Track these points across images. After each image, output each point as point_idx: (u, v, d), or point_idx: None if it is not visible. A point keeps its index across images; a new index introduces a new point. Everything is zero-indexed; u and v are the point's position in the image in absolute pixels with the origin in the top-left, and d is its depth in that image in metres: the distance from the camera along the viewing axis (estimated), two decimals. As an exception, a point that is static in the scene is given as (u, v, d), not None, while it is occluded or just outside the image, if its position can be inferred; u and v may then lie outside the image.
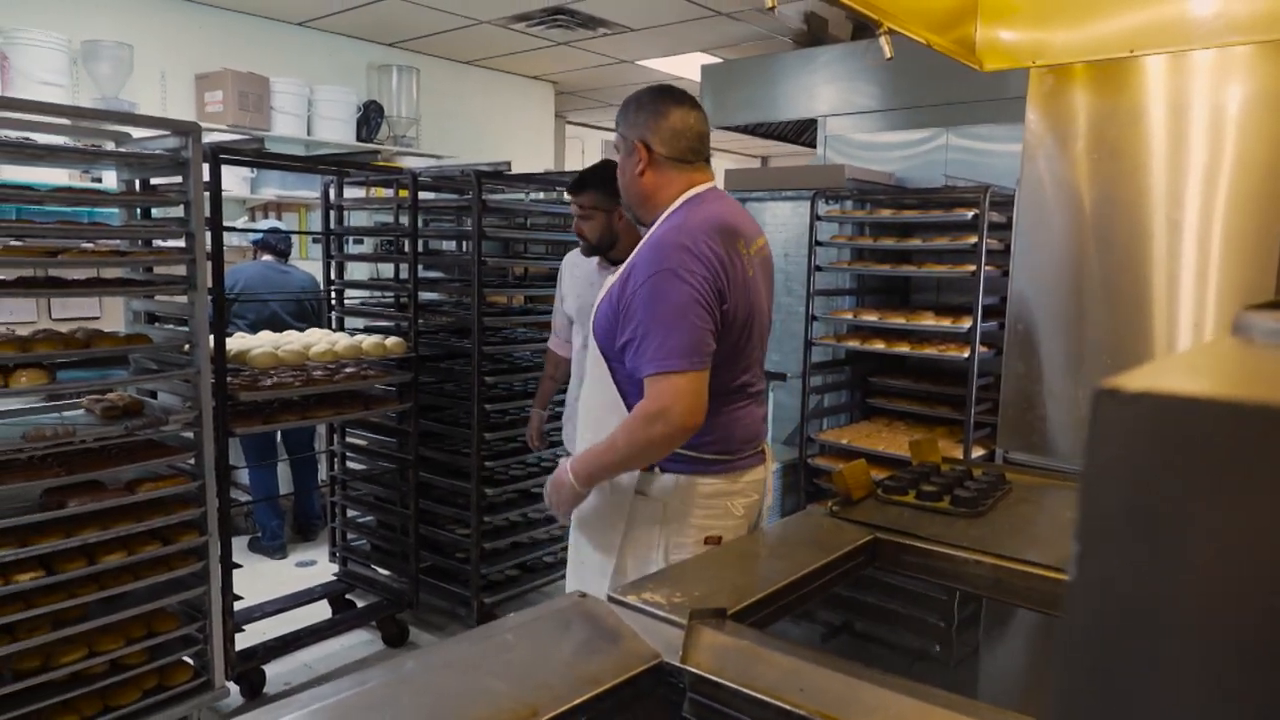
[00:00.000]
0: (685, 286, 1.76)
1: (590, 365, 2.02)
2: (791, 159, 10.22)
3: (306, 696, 1.13)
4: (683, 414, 1.77)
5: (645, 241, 1.88)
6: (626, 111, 1.93)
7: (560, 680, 1.19)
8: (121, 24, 4.98)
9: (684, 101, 1.94)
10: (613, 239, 2.75)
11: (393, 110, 6.24)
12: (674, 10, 5.37)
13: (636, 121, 1.90)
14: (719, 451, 1.93)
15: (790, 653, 1.24)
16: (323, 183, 3.72)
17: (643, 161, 1.89)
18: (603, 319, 1.92)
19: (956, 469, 2.27)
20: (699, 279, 1.78)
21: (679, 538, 1.91)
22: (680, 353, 1.76)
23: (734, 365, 1.92)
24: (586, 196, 2.74)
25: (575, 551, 2.06)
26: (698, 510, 1.91)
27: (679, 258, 1.77)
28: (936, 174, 4.38)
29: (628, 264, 1.88)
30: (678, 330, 1.76)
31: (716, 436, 1.91)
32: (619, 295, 1.86)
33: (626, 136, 1.92)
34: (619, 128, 1.95)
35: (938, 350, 3.67)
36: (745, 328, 1.91)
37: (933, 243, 3.72)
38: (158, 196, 2.67)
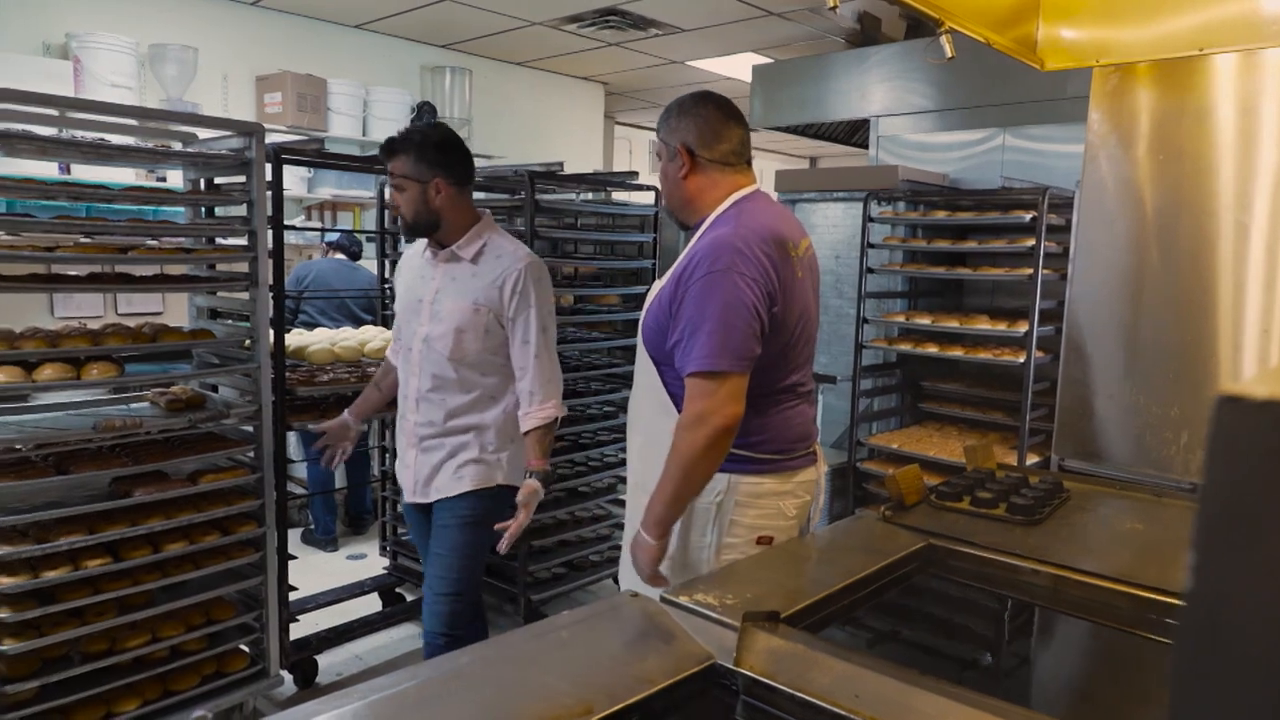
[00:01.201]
0: (737, 288, 1.78)
1: (638, 373, 2.04)
2: (841, 160, 10.13)
3: (366, 687, 1.16)
4: (723, 416, 1.78)
5: (697, 242, 1.90)
6: (668, 117, 1.96)
7: (614, 678, 1.20)
8: (187, 27, 5.13)
9: (724, 106, 1.97)
10: (431, 218, 2.36)
11: (445, 111, 6.31)
12: (726, 10, 5.36)
13: (678, 127, 1.93)
14: (772, 451, 1.93)
15: (845, 658, 1.24)
16: (378, 182, 3.78)
17: (686, 165, 1.92)
18: (652, 321, 1.94)
19: (1012, 476, 2.23)
20: (751, 281, 1.79)
21: (730, 538, 1.92)
22: (725, 353, 1.78)
23: (784, 365, 1.93)
24: (398, 163, 2.36)
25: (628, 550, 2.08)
26: (750, 510, 1.92)
27: (732, 259, 1.79)
28: (992, 175, 4.31)
29: (680, 266, 1.89)
30: (724, 330, 1.77)
31: (769, 436, 1.92)
32: (670, 296, 1.87)
33: (668, 142, 1.94)
34: (660, 133, 1.97)
35: (992, 355, 3.61)
36: (795, 329, 1.92)
37: (989, 245, 3.65)
38: (222, 195, 2.74)
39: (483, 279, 2.38)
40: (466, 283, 2.39)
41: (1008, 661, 1.82)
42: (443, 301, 2.40)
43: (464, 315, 2.36)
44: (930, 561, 1.84)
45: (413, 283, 2.50)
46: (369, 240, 5.63)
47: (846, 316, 4.38)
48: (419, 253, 2.52)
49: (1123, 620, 1.61)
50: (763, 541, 1.93)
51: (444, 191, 2.35)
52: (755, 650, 1.25)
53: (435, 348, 2.40)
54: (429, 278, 2.46)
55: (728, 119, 1.95)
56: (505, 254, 2.40)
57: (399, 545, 3.88)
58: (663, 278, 1.96)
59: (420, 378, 2.45)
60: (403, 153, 2.35)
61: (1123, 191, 2.52)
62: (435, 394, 2.43)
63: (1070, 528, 1.94)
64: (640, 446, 2.03)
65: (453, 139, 2.42)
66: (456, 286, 2.40)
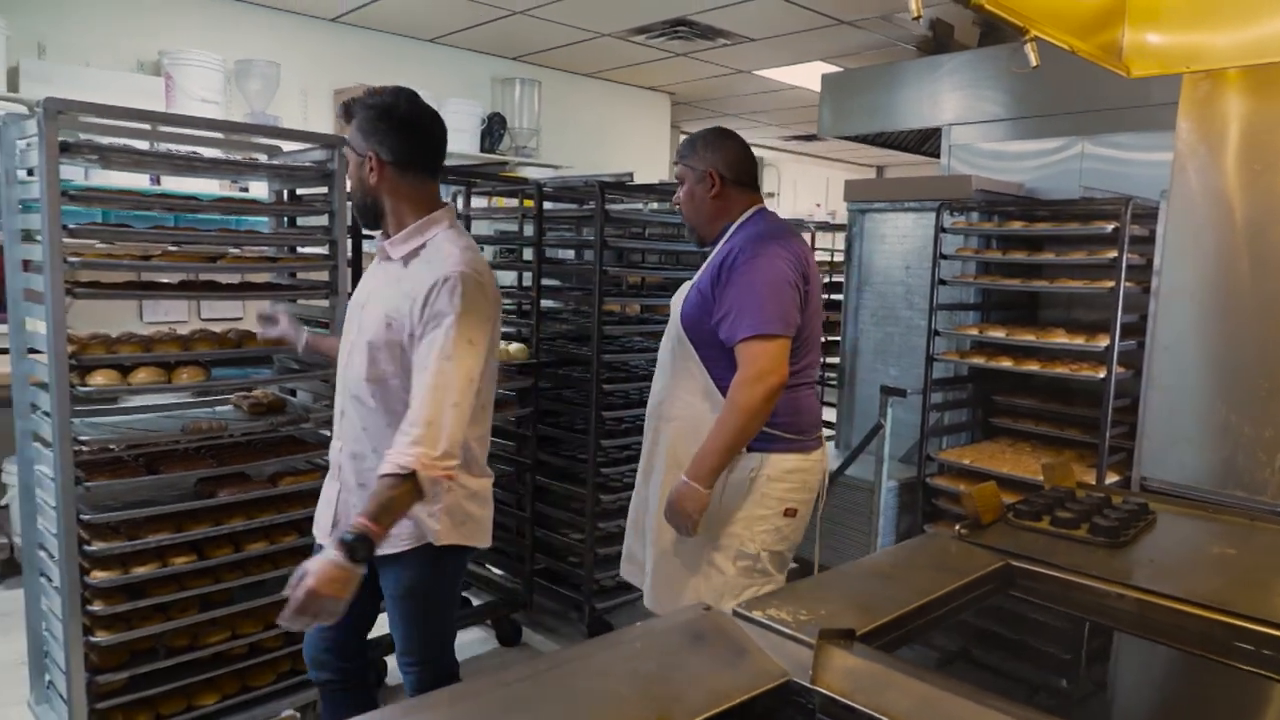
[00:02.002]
0: (779, 265, 2.10)
1: (672, 364, 2.27)
2: (908, 169, 9.98)
3: (448, 693, 1.18)
4: (777, 374, 2.06)
5: (729, 241, 2.20)
6: (694, 147, 2.27)
7: (688, 692, 1.20)
8: (270, 44, 5.31)
9: (738, 137, 2.30)
10: (368, 200, 2.00)
11: (515, 122, 6.41)
12: (795, 20, 5.33)
13: (705, 155, 2.24)
14: (796, 431, 2.20)
15: (925, 679, 1.21)
16: (450, 193, 3.85)
17: (716, 186, 2.22)
18: (691, 308, 2.21)
19: (1093, 495, 2.16)
20: (788, 262, 2.12)
21: (762, 509, 2.18)
22: (776, 319, 2.07)
23: (804, 349, 2.21)
24: (349, 128, 2.01)
25: (661, 528, 2.25)
26: (780, 484, 2.18)
27: (772, 247, 2.13)
28: (1069, 185, 4.19)
29: (717, 259, 2.18)
30: (773, 300, 2.07)
31: (791, 418, 2.19)
32: (711, 284, 2.16)
33: (696, 167, 2.25)
34: (686, 160, 2.27)
35: (1070, 369, 3.51)
36: (813, 316, 2.22)
37: (1068, 257, 3.56)
38: (304, 206, 2.83)
39: (403, 287, 1.92)
40: (390, 289, 1.96)
41: (1089, 688, 1.77)
42: (369, 309, 1.99)
43: (377, 330, 1.93)
44: (1008, 582, 1.80)
45: (365, 280, 2.12)
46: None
47: (917, 329, 4.31)
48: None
49: (1213, 649, 1.54)
50: (789, 513, 2.21)
51: (377, 171, 1.93)
52: (832, 669, 1.23)
53: (354, 363, 1.99)
54: (371, 276, 2.09)
55: (746, 149, 2.29)
56: (438, 260, 1.90)
57: (466, 550, 3.94)
58: (691, 280, 2.27)
59: (343, 395, 2.05)
60: (355, 115, 1.98)
61: (1212, 202, 2.43)
62: (356, 418, 2.01)
63: (1156, 551, 1.88)
64: (676, 429, 2.25)
65: (397, 108, 1.94)
66: (382, 293, 1.98)
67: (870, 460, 3.94)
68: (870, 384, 4.52)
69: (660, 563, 2.29)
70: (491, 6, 5.26)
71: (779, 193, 11.05)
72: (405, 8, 5.34)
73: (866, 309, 4.60)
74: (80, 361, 2.35)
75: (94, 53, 4.75)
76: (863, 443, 4.00)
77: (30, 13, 4.54)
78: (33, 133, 2.24)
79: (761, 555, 2.20)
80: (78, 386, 2.33)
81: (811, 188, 11.51)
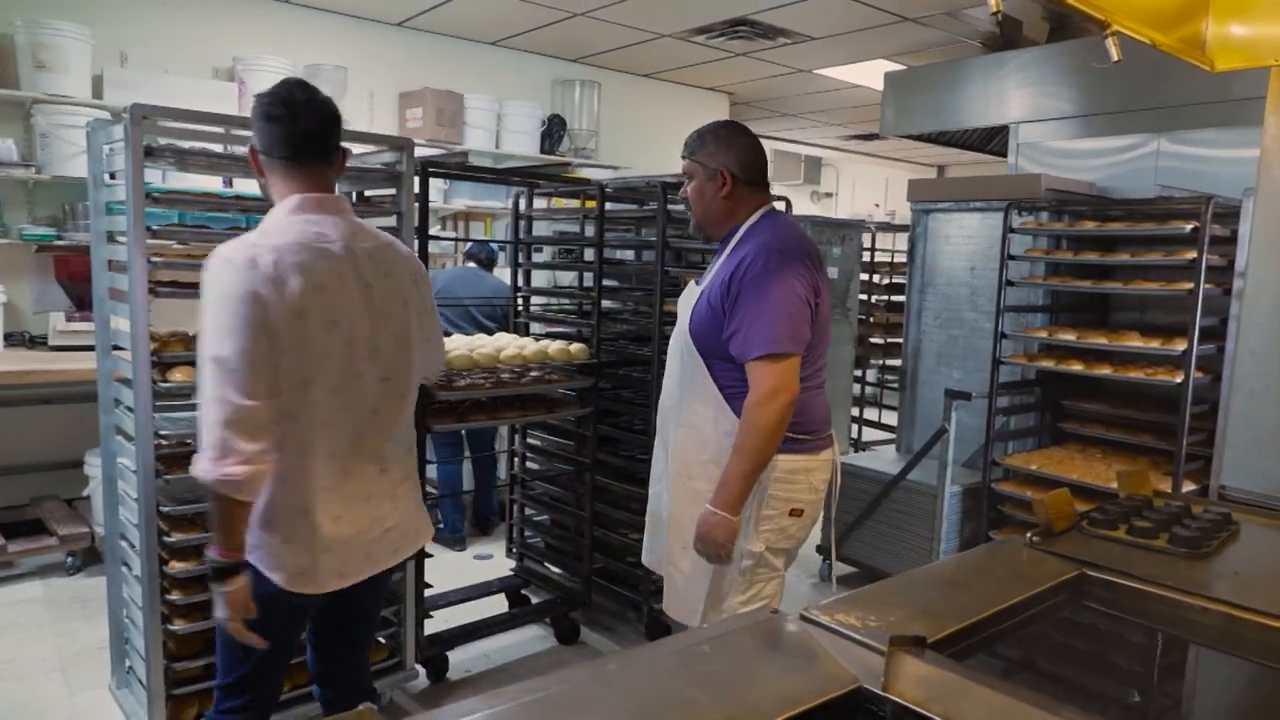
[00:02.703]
0: (791, 281, 2.08)
1: (680, 372, 2.26)
2: (970, 169, 9.78)
3: (517, 688, 1.19)
4: (789, 391, 2.07)
5: (739, 248, 2.17)
6: (703, 143, 2.21)
7: (758, 696, 1.19)
8: (339, 48, 5.44)
9: (749, 134, 2.25)
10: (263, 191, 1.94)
11: (574, 123, 6.45)
12: (858, 18, 5.27)
13: (716, 152, 2.19)
14: (804, 432, 2.20)
15: (1000, 689, 1.19)
16: (513, 193, 3.89)
17: (726, 185, 2.18)
18: (701, 320, 2.20)
19: (1172, 504, 2.09)
20: (799, 277, 2.10)
21: (768, 510, 2.18)
22: (788, 337, 2.07)
23: (809, 358, 2.19)
24: None
25: (677, 527, 2.28)
26: (785, 485, 2.18)
27: (783, 259, 2.09)
28: (1144, 183, 4.07)
29: (726, 269, 2.15)
30: (786, 318, 2.07)
31: (803, 418, 2.18)
32: (721, 295, 2.14)
33: (707, 165, 2.20)
34: (694, 156, 2.22)
35: (1144, 374, 3.41)
36: (821, 326, 2.21)
37: (1143, 258, 3.45)
38: (373, 207, 2.88)
39: None
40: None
41: (1165, 703, 1.72)
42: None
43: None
44: (1083, 592, 1.75)
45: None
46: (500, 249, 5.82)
47: (982, 331, 4.22)
48: None
49: (1306, 667, 1.48)
50: (795, 513, 2.21)
51: (254, 158, 1.88)
52: (904, 676, 1.21)
53: None
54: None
55: (758, 147, 2.25)
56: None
57: (525, 548, 3.98)
58: (699, 284, 2.26)
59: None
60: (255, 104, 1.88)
61: (1302, 201, 2.33)
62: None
63: (1240, 563, 1.81)
64: (684, 437, 2.27)
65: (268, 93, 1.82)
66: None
67: (932, 465, 3.87)
68: (932, 387, 4.44)
69: (670, 567, 2.33)
70: (553, 9, 5.30)
71: (837, 193, 10.93)
72: (468, 12, 5.42)
73: (930, 311, 4.53)
74: (161, 358, 2.43)
75: (172, 60, 4.92)
76: (925, 447, 3.94)
77: (113, 23, 4.72)
78: (119, 138, 2.32)
79: (766, 554, 2.22)
80: (159, 382, 2.41)
81: (870, 187, 11.37)
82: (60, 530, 4.05)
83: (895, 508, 4.12)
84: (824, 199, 10.80)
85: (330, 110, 1.86)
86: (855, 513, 4.25)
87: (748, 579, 2.23)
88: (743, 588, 2.22)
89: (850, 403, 6.65)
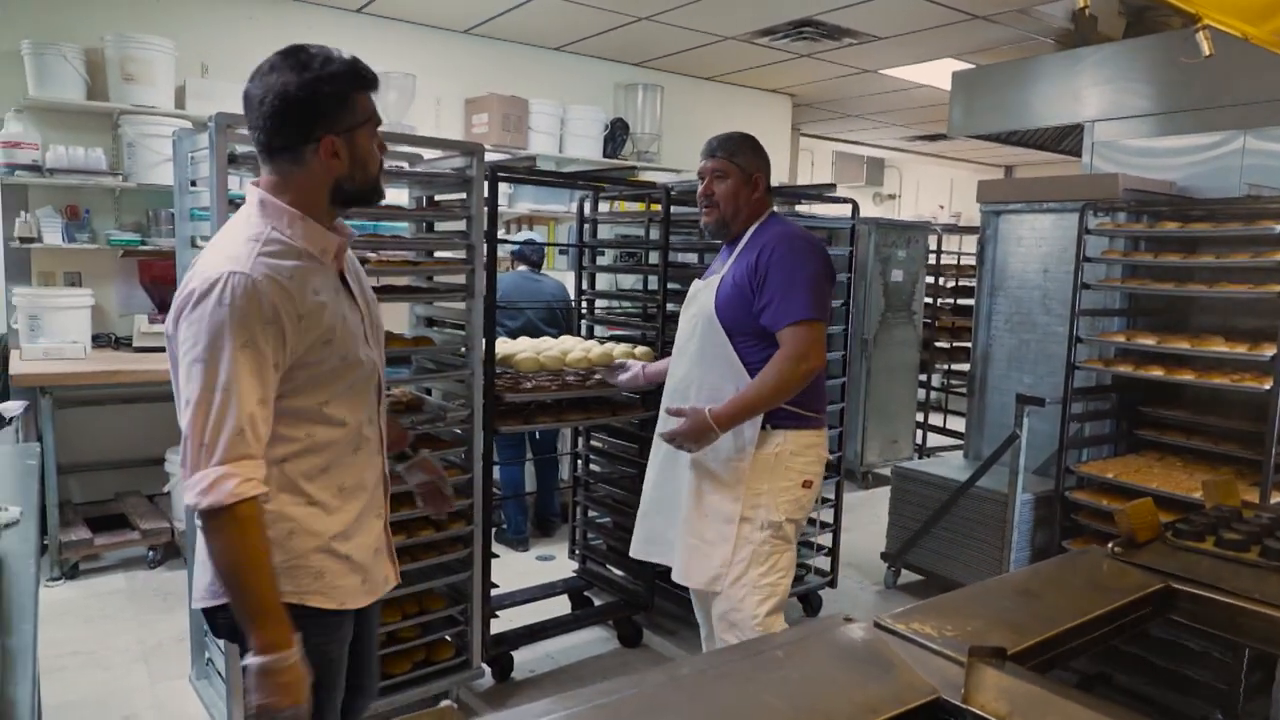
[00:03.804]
0: (817, 259, 2.37)
1: (702, 350, 2.44)
2: (1040, 169, 9.53)
3: (591, 690, 1.19)
4: (819, 355, 2.34)
5: (757, 237, 2.43)
6: (744, 150, 2.47)
7: (835, 704, 1.18)
8: (407, 56, 5.55)
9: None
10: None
11: (637, 127, 6.48)
12: (926, 16, 5.18)
13: (755, 160, 2.47)
14: (814, 410, 2.44)
15: (1084, 703, 1.15)
16: (578, 197, 3.92)
17: (759, 190, 2.47)
18: (727, 298, 2.40)
19: (1263, 516, 2.01)
20: (824, 259, 2.39)
21: (784, 482, 2.39)
22: (819, 306, 2.33)
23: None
24: None
25: (698, 499, 2.45)
26: (800, 459, 2.40)
27: (807, 243, 2.39)
28: (1228, 182, 3.91)
29: (750, 256, 2.38)
30: (815, 289, 2.32)
31: (813, 396, 2.42)
32: (749, 274, 2.36)
33: (746, 169, 2.45)
34: (736, 158, 2.45)
35: (1230, 380, 3.27)
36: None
37: (1229, 259, 3.31)
38: (443, 211, 2.94)
39: None
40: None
41: None
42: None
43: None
44: (1169, 605, 1.70)
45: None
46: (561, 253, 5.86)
47: (1055, 335, 4.11)
48: None
49: None
50: (807, 484, 2.42)
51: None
52: (985, 688, 1.19)
53: None
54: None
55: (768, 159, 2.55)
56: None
57: (588, 550, 4.00)
58: (717, 273, 2.47)
59: None
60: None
61: (1404, 200, 2.22)
62: None
63: (1339, 579, 1.73)
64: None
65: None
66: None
67: (1002, 472, 3.78)
68: (1002, 392, 4.34)
69: (691, 538, 2.47)
70: (616, 13, 5.33)
71: (900, 194, 10.76)
72: (533, 18, 5.48)
73: (1000, 314, 4.42)
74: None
75: (250, 70, 5.05)
76: (996, 453, 3.85)
77: (195, 36, 4.89)
78: (203, 145, 2.40)
79: (784, 524, 2.40)
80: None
81: (934, 189, 11.16)
82: (142, 525, 4.20)
83: (963, 515, 4.03)
84: (887, 201, 10.64)
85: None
86: (921, 519, 4.18)
87: (767, 550, 2.39)
88: (761, 559, 2.39)
89: (914, 407, 6.54)
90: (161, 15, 4.79)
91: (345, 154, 1.59)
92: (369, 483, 1.72)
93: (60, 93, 4.38)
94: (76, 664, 3.27)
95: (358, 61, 1.64)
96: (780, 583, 2.41)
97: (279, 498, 1.57)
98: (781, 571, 2.41)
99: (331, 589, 1.64)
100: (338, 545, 1.64)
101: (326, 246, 1.61)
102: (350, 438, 1.66)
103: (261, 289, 1.46)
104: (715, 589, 2.42)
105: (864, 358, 5.97)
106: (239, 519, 1.43)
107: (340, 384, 1.62)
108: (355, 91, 1.61)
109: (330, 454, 1.63)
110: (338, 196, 1.63)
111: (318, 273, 1.59)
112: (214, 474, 1.42)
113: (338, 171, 1.59)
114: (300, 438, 1.58)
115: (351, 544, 1.67)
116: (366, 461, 1.71)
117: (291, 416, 1.56)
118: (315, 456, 1.61)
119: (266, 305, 1.47)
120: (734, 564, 2.39)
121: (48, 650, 3.26)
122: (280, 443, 1.56)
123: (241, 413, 1.44)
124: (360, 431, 1.68)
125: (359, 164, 1.62)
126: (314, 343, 1.55)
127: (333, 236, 1.63)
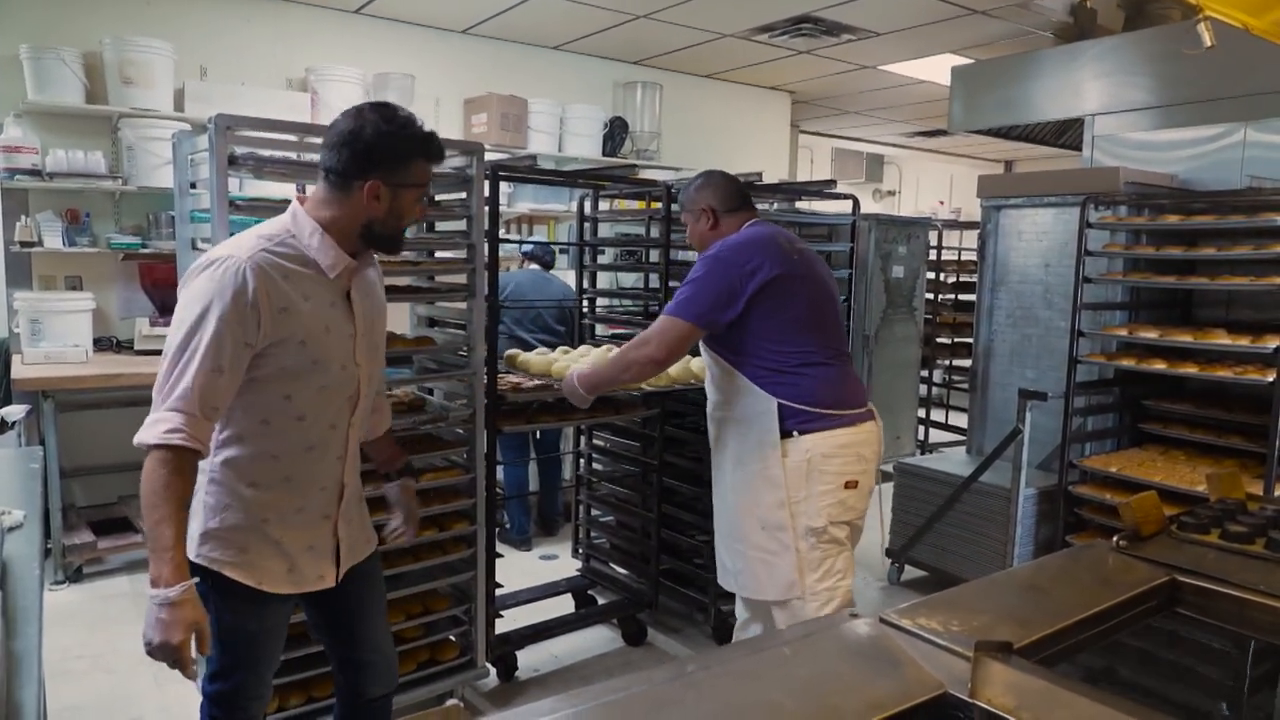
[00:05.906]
0: (719, 270, 2.42)
1: (710, 364, 2.57)
2: (1040, 163, 9.52)
3: (599, 688, 1.19)
4: (664, 349, 2.44)
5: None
6: (691, 194, 2.65)
7: (842, 700, 1.18)
8: (406, 57, 5.55)
9: (722, 172, 2.70)
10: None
11: (636, 125, 6.47)
12: (925, 11, 5.18)
13: (699, 196, 2.62)
14: (829, 405, 2.41)
15: (1093, 697, 1.15)
16: (578, 196, 3.92)
17: (712, 219, 2.60)
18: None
19: (1268, 508, 2.01)
20: (726, 270, 2.41)
21: (823, 485, 2.39)
22: (689, 307, 2.41)
23: (806, 332, 2.44)
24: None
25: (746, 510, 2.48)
26: (835, 460, 2.39)
27: (718, 259, 2.46)
28: (1229, 175, 3.91)
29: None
30: (696, 295, 2.41)
31: (817, 392, 2.40)
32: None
33: (695, 208, 2.63)
34: (689, 205, 2.65)
35: (1233, 373, 3.27)
36: (805, 303, 2.45)
37: (1230, 252, 3.31)
38: (443, 211, 2.93)
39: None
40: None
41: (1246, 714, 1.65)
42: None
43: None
44: (1174, 599, 1.69)
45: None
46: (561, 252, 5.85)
47: (1057, 329, 4.11)
48: None
49: None
50: (850, 485, 2.41)
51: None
52: (992, 682, 1.19)
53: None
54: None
55: (732, 179, 2.68)
56: None
57: (592, 549, 3.99)
58: None
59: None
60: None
61: (1406, 190, 2.22)
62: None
63: (1345, 570, 1.72)
64: (732, 429, 2.53)
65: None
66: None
67: (1005, 467, 3.78)
68: (1004, 388, 4.34)
69: (750, 552, 2.49)
70: (615, 11, 5.32)
71: (899, 191, 10.75)
72: (531, 17, 5.48)
73: (1001, 310, 4.42)
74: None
75: (248, 72, 5.07)
76: (999, 448, 3.85)
77: (193, 39, 4.89)
78: (203, 147, 2.40)
79: (829, 528, 2.41)
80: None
81: (934, 185, 11.15)
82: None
83: (966, 510, 4.03)
84: (886, 197, 10.64)
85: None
86: (924, 515, 4.17)
87: (818, 555, 2.41)
88: (814, 566, 2.41)
89: (916, 403, 6.53)
90: (159, 18, 4.79)
91: (386, 202, 1.75)
92: (321, 483, 1.85)
93: (59, 96, 4.39)
94: (82, 668, 3.28)
95: (434, 136, 1.82)
96: (839, 585, 2.43)
97: (226, 472, 1.76)
98: (839, 574, 2.44)
99: (252, 567, 1.79)
100: (269, 529, 1.80)
101: (336, 263, 1.77)
102: (305, 434, 1.79)
103: (252, 275, 1.64)
104: (794, 595, 2.42)
105: (866, 354, 5.97)
106: (163, 460, 1.57)
107: (309, 385, 1.77)
108: (418, 157, 1.79)
109: (283, 444, 1.78)
110: (365, 234, 1.79)
111: (317, 282, 1.76)
112: (155, 416, 1.59)
113: (374, 213, 1.76)
114: (257, 421, 1.75)
115: (284, 532, 1.82)
116: (321, 462, 1.84)
117: (255, 396, 1.73)
118: (268, 441, 1.77)
119: (251, 290, 1.64)
120: (788, 575, 2.42)
121: (53, 654, 3.26)
122: (237, 421, 1.74)
123: (198, 374, 1.60)
124: (319, 432, 1.82)
125: (394, 215, 1.78)
126: (286, 338, 1.70)
127: (345, 257, 1.78)
